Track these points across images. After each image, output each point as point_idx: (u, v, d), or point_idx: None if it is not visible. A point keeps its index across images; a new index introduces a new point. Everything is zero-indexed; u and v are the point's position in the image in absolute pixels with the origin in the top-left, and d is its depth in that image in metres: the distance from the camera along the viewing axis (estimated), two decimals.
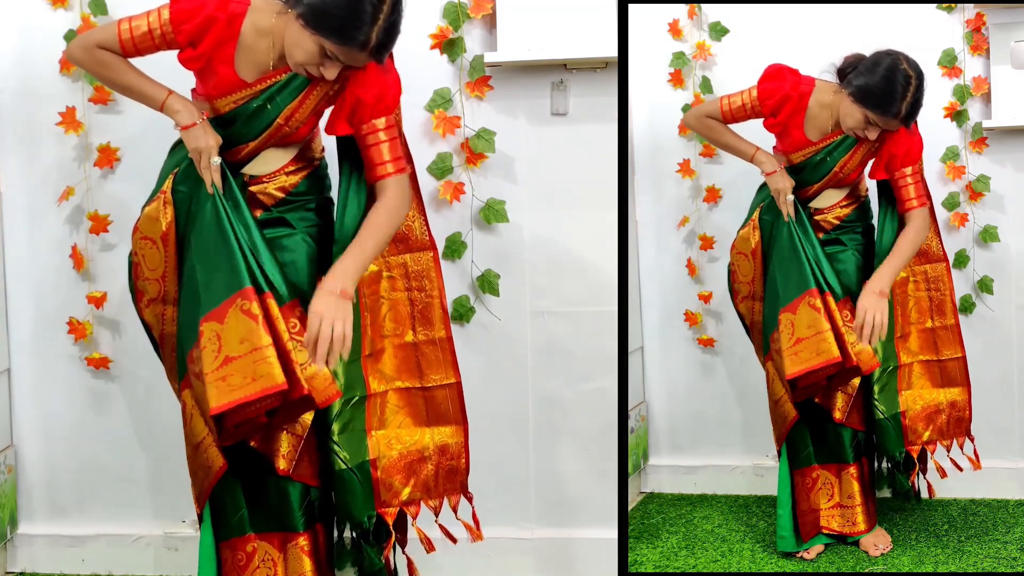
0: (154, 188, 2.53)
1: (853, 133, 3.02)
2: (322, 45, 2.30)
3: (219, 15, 2.38)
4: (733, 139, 3.20)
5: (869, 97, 2.92)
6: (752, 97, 3.09)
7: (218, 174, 2.43)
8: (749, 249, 3.22)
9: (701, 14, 3.69)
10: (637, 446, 3.76)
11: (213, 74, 2.43)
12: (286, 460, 2.46)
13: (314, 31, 2.29)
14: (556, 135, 3.09)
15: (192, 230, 2.44)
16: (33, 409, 3.17)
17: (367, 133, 2.47)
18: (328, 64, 2.34)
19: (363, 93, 2.45)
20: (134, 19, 2.41)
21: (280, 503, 2.49)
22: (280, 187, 2.54)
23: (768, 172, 3.13)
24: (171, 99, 2.44)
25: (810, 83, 3.07)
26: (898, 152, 3.09)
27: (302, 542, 2.51)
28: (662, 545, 3.34)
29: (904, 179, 3.11)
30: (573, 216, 3.11)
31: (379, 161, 2.47)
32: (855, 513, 3.20)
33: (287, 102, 2.45)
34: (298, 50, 2.34)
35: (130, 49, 2.41)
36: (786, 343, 3.00)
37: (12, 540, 3.17)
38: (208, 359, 2.29)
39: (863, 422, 3.22)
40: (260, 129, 2.47)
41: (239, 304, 2.30)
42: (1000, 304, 3.67)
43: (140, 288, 2.54)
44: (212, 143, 2.42)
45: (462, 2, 3.02)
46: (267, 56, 2.43)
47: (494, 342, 3.13)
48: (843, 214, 3.20)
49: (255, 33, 2.41)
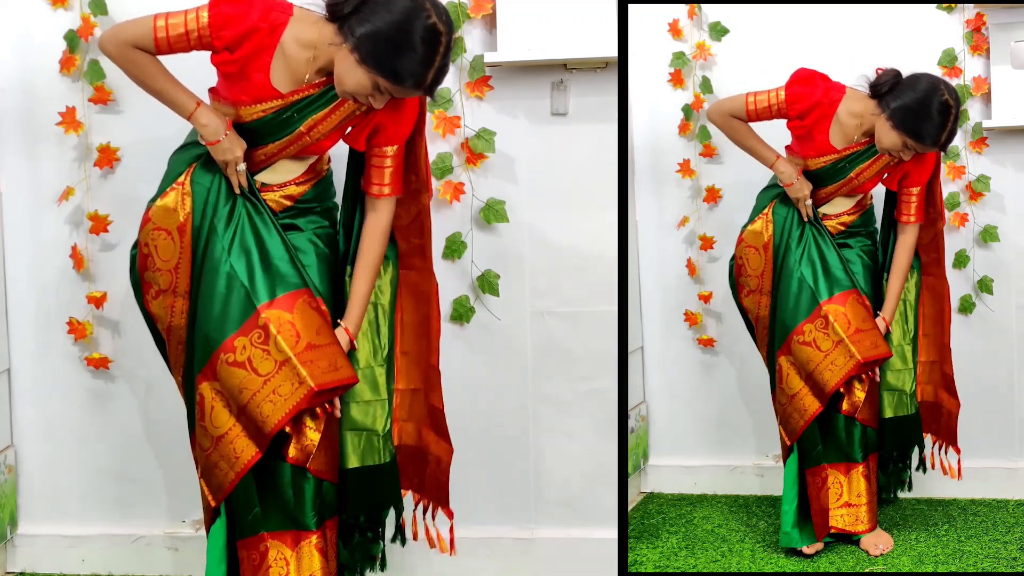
0: (163, 182, 2.53)
1: (887, 153, 3.04)
2: (376, 81, 2.29)
3: (261, 25, 2.34)
4: (756, 143, 3.19)
5: (908, 124, 2.93)
6: (780, 99, 3.07)
7: (244, 177, 2.47)
8: (761, 243, 3.21)
9: (701, 14, 3.69)
10: (637, 446, 3.76)
11: (246, 80, 2.40)
12: (303, 452, 2.47)
13: (369, 68, 2.27)
14: (556, 135, 3.09)
15: (224, 226, 2.45)
16: (33, 409, 3.17)
17: (375, 155, 2.54)
18: (378, 97, 2.34)
19: (389, 121, 2.48)
20: (171, 16, 2.36)
21: (295, 500, 2.50)
22: (288, 195, 2.57)
23: (787, 183, 3.14)
24: (199, 112, 2.43)
25: (841, 90, 3.06)
26: (915, 171, 3.14)
27: (314, 540, 2.52)
28: (662, 545, 3.34)
29: (910, 195, 3.19)
30: (573, 216, 3.11)
31: (378, 182, 2.55)
32: (862, 511, 3.21)
33: (314, 113, 2.45)
34: (350, 81, 2.31)
35: (164, 47, 2.38)
36: (844, 332, 3.09)
37: (12, 540, 3.17)
38: (288, 343, 2.38)
39: (874, 419, 3.24)
40: (281, 136, 2.47)
41: (306, 300, 2.44)
42: (1000, 304, 3.67)
43: (148, 279, 2.51)
44: (239, 153, 2.45)
45: (462, 2, 3.02)
46: (306, 69, 2.40)
47: (494, 342, 3.13)
48: (848, 220, 3.24)
49: (297, 45, 2.38)
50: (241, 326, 2.40)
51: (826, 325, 3.10)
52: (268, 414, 2.38)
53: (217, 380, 2.43)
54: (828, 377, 3.09)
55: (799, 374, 3.14)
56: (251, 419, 2.40)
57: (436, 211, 3.06)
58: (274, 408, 2.38)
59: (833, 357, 3.09)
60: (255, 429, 2.41)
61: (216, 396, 2.44)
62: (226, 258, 2.43)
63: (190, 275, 2.48)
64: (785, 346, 3.16)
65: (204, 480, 2.50)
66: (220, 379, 2.43)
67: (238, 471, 2.43)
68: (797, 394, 3.15)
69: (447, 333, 3.08)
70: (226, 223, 2.46)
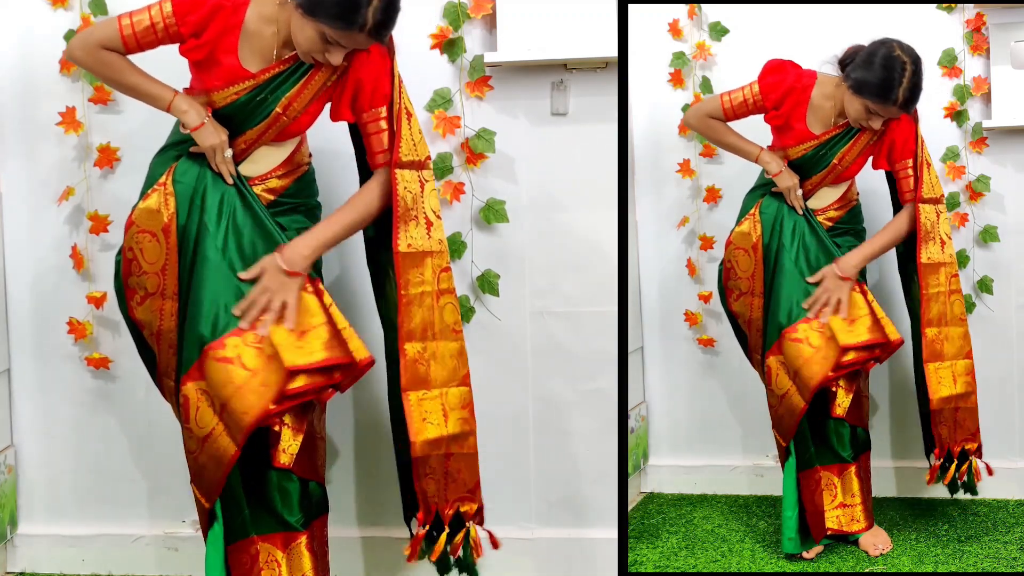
0: (144, 185, 2.53)
1: (858, 124, 3.05)
2: (322, 31, 2.31)
3: (224, 3, 2.37)
4: (736, 140, 3.20)
5: (866, 87, 2.94)
6: (754, 92, 3.09)
7: (232, 166, 2.47)
8: (749, 244, 3.21)
9: (701, 14, 3.69)
10: (637, 446, 3.76)
11: (216, 65, 2.42)
12: (287, 455, 2.46)
13: (312, 18, 2.30)
14: (556, 135, 3.09)
15: (216, 224, 2.44)
16: (33, 409, 3.17)
17: (368, 121, 2.50)
18: (332, 49, 2.35)
19: (364, 75, 2.46)
20: (135, 14, 2.39)
21: (282, 502, 2.50)
22: (270, 189, 2.55)
23: (774, 173, 3.14)
24: (178, 99, 2.44)
25: (812, 76, 3.08)
26: (898, 139, 3.12)
27: (304, 540, 2.52)
28: (662, 545, 3.34)
29: (905, 171, 3.15)
30: (573, 216, 3.11)
31: (379, 149, 2.52)
32: (857, 511, 3.21)
33: (287, 90, 2.45)
34: (301, 38, 2.35)
35: (132, 45, 2.40)
36: (837, 323, 3.07)
37: (12, 540, 3.17)
38: (280, 331, 2.37)
39: (862, 418, 3.23)
40: (258, 120, 2.47)
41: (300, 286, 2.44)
42: (1000, 304, 3.67)
43: (133, 285, 2.49)
44: (224, 137, 2.45)
45: (462, 2, 3.02)
46: (272, 44, 2.42)
47: (494, 342, 3.13)
48: (836, 216, 3.22)
49: (260, 20, 2.40)
50: (237, 327, 2.39)
51: (823, 324, 3.09)
52: (251, 404, 2.33)
53: (203, 379, 2.40)
54: (816, 370, 3.05)
55: (788, 373, 3.13)
56: (231, 413, 2.36)
57: None
58: (257, 399, 2.34)
59: (824, 352, 3.06)
60: (235, 424, 2.36)
61: (201, 396, 2.41)
62: (221, 259, 2.42)
63: (178, 276, 2.46)
64: (776, 345, 3.14)
65: (195, 484, 2.49)
66: (206, 375, 2.39)
67: (223, 470, 2.41)
68: (787, 393, 3.14)
69: None
70: (216, 221, 2.44)
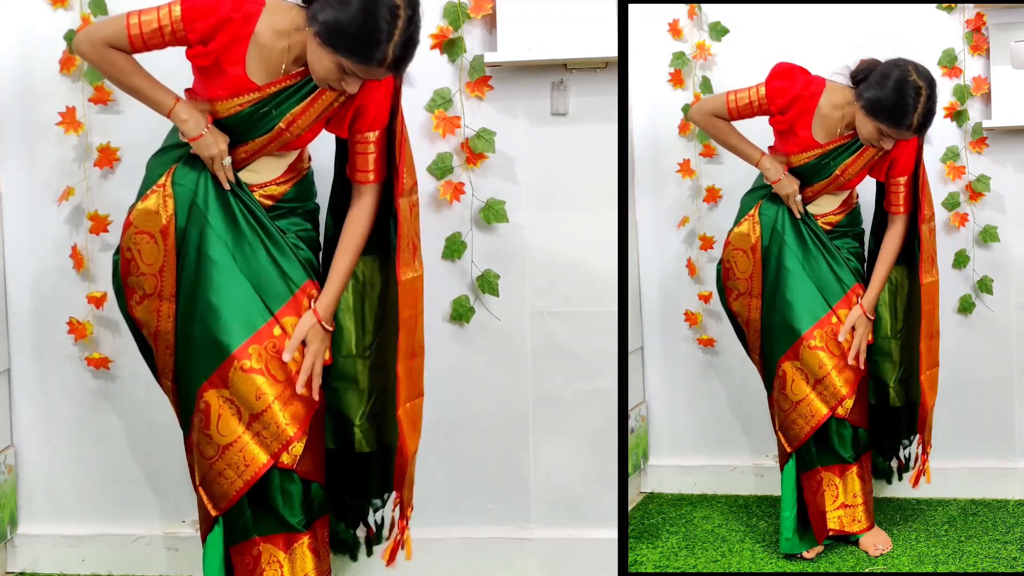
0: (143, 185, 2.53)
1: (869, 143, 3.03)
2: (340, 63, 2.28)
3: (234, 15, 2.34)
4: (739, 141, 3.19)
5: (880, 110, 2.91)
6: (760, 95, 3.07)
7: (231, 172, 2.47)
8: (748, 245, 3.21)
9: (701, 14, 3.69)
10: (637, 446, 3.76)
11: (221, 74, 2.39)
12: (290, 455, 2.46)
13: (331, 49, 2.26)
14: (556, 135, 3.09)
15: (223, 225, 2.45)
16: (33, 409, 3.16)
17: (359, 141, 2.52)
18: (349, 80, 2.33)
19: (369, 104, 2.47)
20: (143, 13, 2.36)
21: (284, 503, 2.50)
22: (269, 195, 2.55)
23: (773, 180, 3.14)
24: (179, 107, 2.42)
25: (820, 83, 3.05)
26: (901, 158, 3.11)
27: (306, 540, 2.52)
28: (662, 545, 3.34)
29: (897, 186, 3.16)
30: (573, 216, 3.11)
31: (362, 168, 2.54)
32: (858, 511, 3.21)
33: (293, 106, 2.44)
34: (318, 66, 2.32)
35: (138, 44, 2.38)
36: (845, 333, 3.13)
37: (12, 540, 3.17)
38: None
39: (864, 419, 3.23)
40: (260, 132, 2.46)
41: (308, 294, 2.52)
42: (1000, 304, 3.67)
43: (131, 285, 2.49)
44: (223, 147, 2.44)
45: (462, 2, 3.02)
46: (281, 58, 2.39)
47: (494, 342, 3.13)
48: (835, 220, 3.22)
49: (272, 33, 2.37)
50: (255, 332, 2.41)
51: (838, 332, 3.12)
52: (290, 419, 2.43)
53: (227, 388, 2.42)
54: (847, 378, 3.12)
55: (806, 380, 3.13)
56: (267, 426, 2.41)
57: (436, 211, 3.06)
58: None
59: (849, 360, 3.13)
60: (270, 436, 2.42)
61: (224, 404, 2.42)
62: (232, 263, 2.43)
63: (175, 278, 2.46)
64: (792, 351, 3.14)
65: (204, 489, 2.49)
66: (232, 386, 2.41)
67: (247, 479, 2.43)
68: (804, 400, 3.13)
69: (447, 333, 3.09)
70: (223, 222, 2.45)
